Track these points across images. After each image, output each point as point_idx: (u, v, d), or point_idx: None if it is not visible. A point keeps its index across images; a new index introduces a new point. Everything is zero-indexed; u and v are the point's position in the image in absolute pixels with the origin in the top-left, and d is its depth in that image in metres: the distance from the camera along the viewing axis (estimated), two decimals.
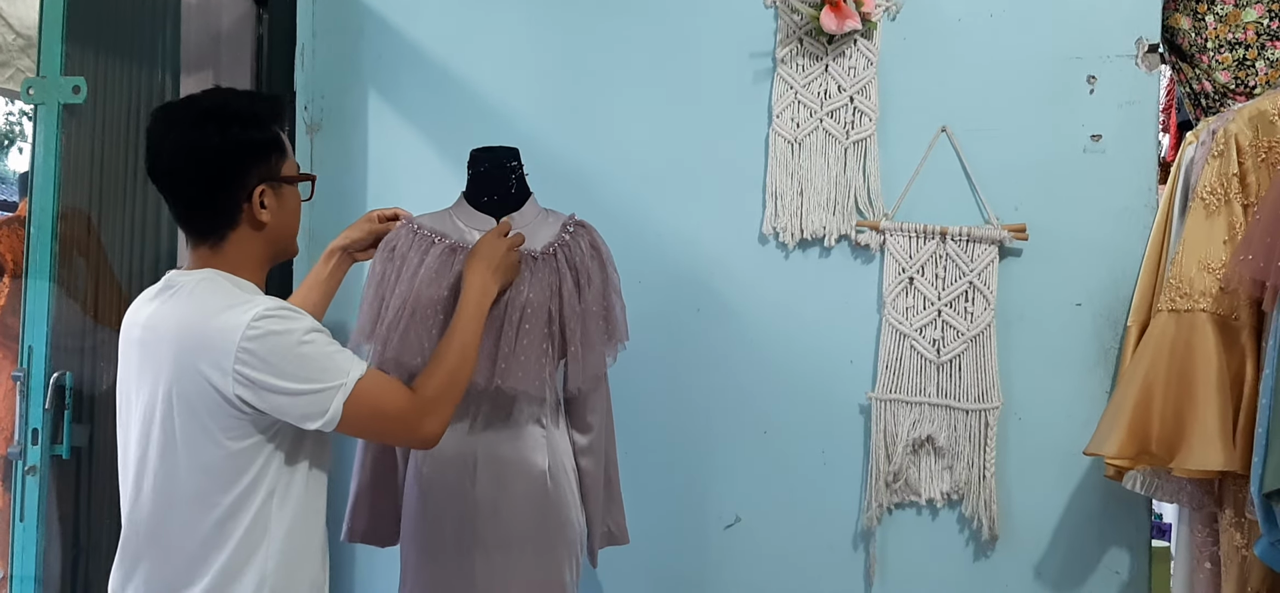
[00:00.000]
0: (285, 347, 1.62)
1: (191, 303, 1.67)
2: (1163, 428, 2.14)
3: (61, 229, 2.41)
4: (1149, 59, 2.44)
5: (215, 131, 1.68)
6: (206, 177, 1.70)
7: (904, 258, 2.52)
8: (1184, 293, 2.17)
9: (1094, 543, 2.45)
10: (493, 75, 2.77)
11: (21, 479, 2.33)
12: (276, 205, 1.76)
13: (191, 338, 1.63)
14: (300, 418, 1.65)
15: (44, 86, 2.40)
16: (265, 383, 1.61)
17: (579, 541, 2.23)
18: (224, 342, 1.60)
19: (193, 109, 1.73)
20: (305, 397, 1.64)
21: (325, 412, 1.65)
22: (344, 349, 1.72)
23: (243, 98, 1.79)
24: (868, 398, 2.53)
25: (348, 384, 1.66)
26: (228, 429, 1.64)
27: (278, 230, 1.78)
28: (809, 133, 2.59)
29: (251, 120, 1.73)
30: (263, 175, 1.73)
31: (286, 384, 1.62)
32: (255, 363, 1.60)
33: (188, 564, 1.66)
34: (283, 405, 1.63)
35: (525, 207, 2.25)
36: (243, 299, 1.65)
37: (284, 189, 1.78)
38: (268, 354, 1.61)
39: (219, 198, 1.71)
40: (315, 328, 1.68)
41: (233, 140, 1.70)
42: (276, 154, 1.76)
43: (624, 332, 2.23)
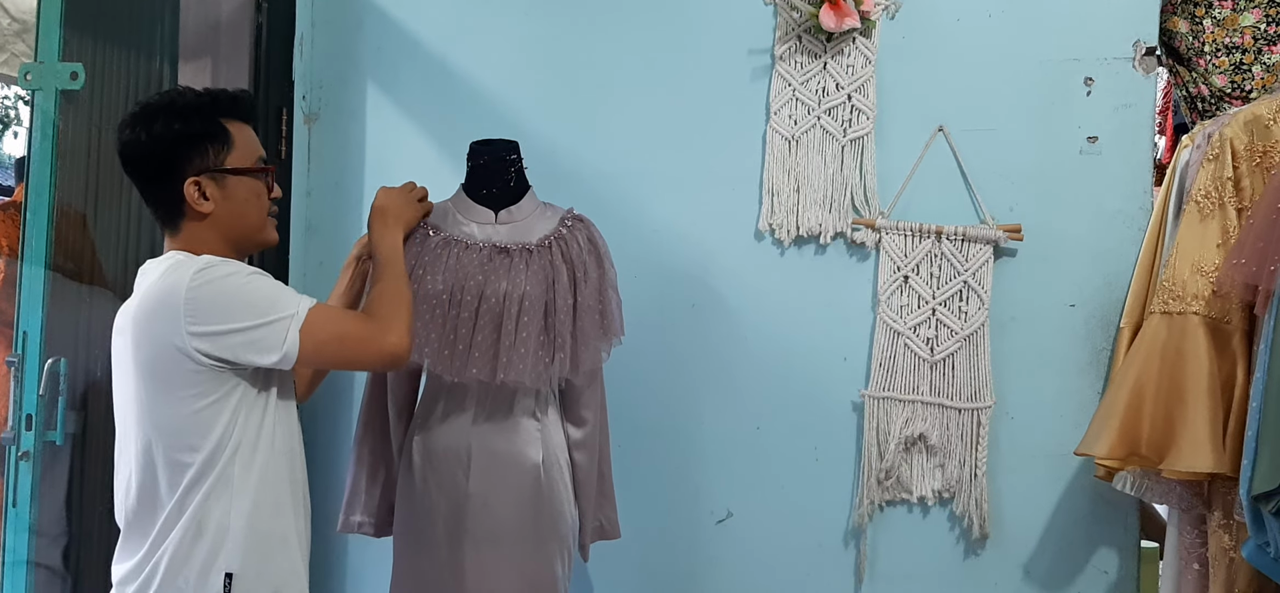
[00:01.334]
0: (229, 289, 1.72)
1: (145, 285, 1.78)
2: (1153, 430, 2.15)
3: (57, 215, 2.40)
4: (1146, 62, 2.44)
5: (143, 127, 1.79)
6: (139, 171, 1.82)
7: (899, 256, 2.52)
8: (1177, 296, 2.17)
9: (1083, 543, 2.45)
10: (492, 69, 2.76)
11: (15, 465, 2.33)
12: (220, 196, 1.82)
13: (146, 308, 1.71)
14: (259, 353, 1.71)
15: (42, 72, 2.40)
16: (218, 328, 1.68)
17: (571, 535, 2.24)
18: (172, 300, 1.69)
19: (142, 108, 1.83)
20: (259, 329, 1.71)
21: (282, 343, 1.72)
22: (289, 289, 1.80)
23: (188, 94, 1.85)
24: (861, 396, 2.54)
25: (299, 313, 1.75)
26: (191, 386, 1.70)
27: (228, 220, 1.83)
28: (806, 130, 2.59)
29: (185, 114, 1.81)
30: (197, 167, 1.79)
31: (237, 324, 1.70)
32: (204, 309, 1.68)
33: (163, 527, 1.73)
34: (238, 345, 1.70)
35: (523, 200, 2.26)
36: (189, 262, 1.73)
37: (229, 180, 1.82)
38: (214, 298, 1.69)
39: (155, 190, 1.82)
40: (256, 271, 1.76)
41: (158, 135, 1.78)
42: (215, 146, 1.81)
43: (619, 327, 2.24)
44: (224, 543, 1.74)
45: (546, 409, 2.21)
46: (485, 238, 2.19)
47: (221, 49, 2.84)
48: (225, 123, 1.84)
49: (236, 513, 1.75)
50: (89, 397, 2.52)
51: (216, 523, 1.74)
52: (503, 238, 2.19)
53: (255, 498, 1.77)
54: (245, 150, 1.86)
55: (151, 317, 1.72)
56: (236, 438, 1.75)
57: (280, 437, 1.84)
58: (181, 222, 1.82)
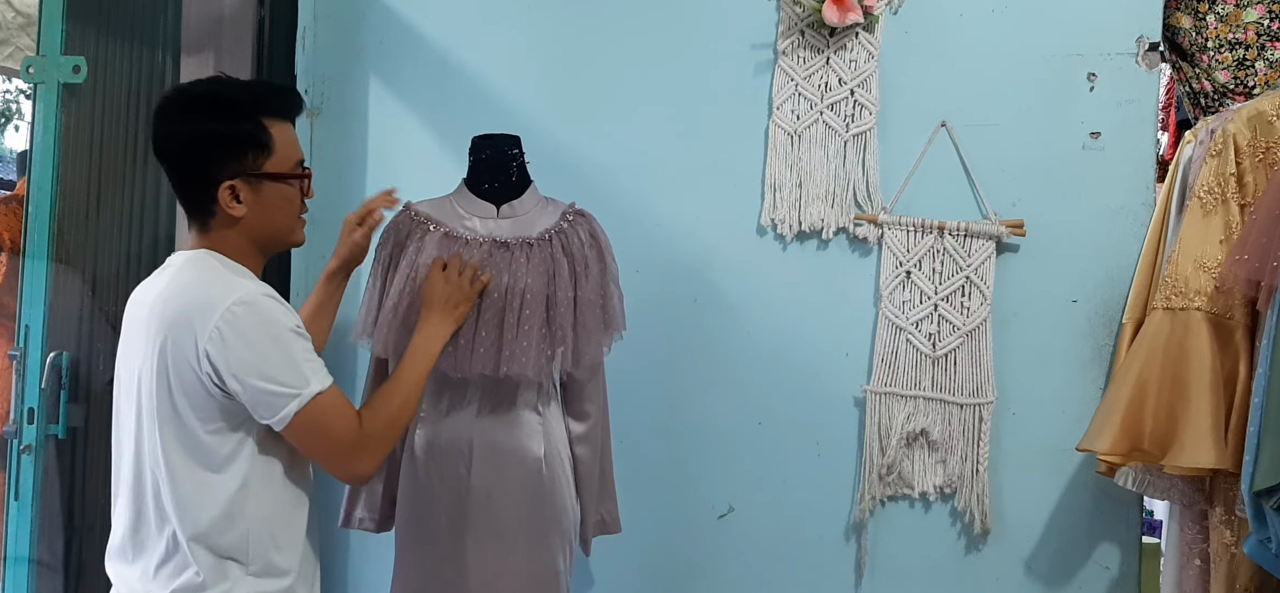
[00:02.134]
0: (259, 337, 1.63)
1: (176, 279, 1.69)
2: (1155, 426, 2.15)
3: (60, 209, 2.40)
4: (1149, 57, 2.44)
5: (181, 121, 1.70)
6: (176, 167, 1.73)
7: (901, 252, 2.52)
8: (1179, 291, 2.17)
9: (1085, 539, 2.45)
10: (494, 63, 2.76)
11: (17, 458, 2.34)
12: (253, 200, 1.72)
13: (170, 310, 1.64)
14: (252, 408, 1.65)
15: (44, 66, 2.40)
16: (230, 366, 1.61)
17: (573, 529, 2.24)
18: (202, 317, 1.61)
19: (182, 96, 1.75)
20: (263, 392, 1.63)
21: (277, 415, 1.65)
22: (316, 360, 1.70)
23: (232, 87, 1.76)
24: (863, 391, 2.54)
25: (304, 397, 1.65)
26: (201, 407, 1.64)
27: (259, 225, 1.75)
28: (809, 125, 2.59)
29: (225, 112, 1.70)
30: (233, 171, 1.70)
31: (249, 376, 1.62)
32: (226, 344, 1.60)
33: (162, 540, 1.67)
34: (240, 393, 1.63)
35: (525, 195, 2.25)
36: (230, 280, 1.66)
37: (266, 185, 1.73)
38: (239, 338, 1.61)
39: (189, 189, 1.73)
40: (296, 329, 1.67)
41: (198, 133, 1.69)
42: (254, 149, 1.72)
43: (621, 321, 2.23)
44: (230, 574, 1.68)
45: (548, 403, 2.21)
46: (487, 233, 2.19)
47: (224, 43, 2.82)
48: (268, 124, 1.73)
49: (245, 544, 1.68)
50: (91, 391, 2.53)
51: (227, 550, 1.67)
52: (504, 232, 2.19)
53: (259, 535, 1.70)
54: (285, 153, 1.76)
55: (174, 320, 1.64)
56: (243, 473, 1.68)
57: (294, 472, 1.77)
58: (211, 221, 1.73)
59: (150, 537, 1.69)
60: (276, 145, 1.74)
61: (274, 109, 1.75)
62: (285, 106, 1.79)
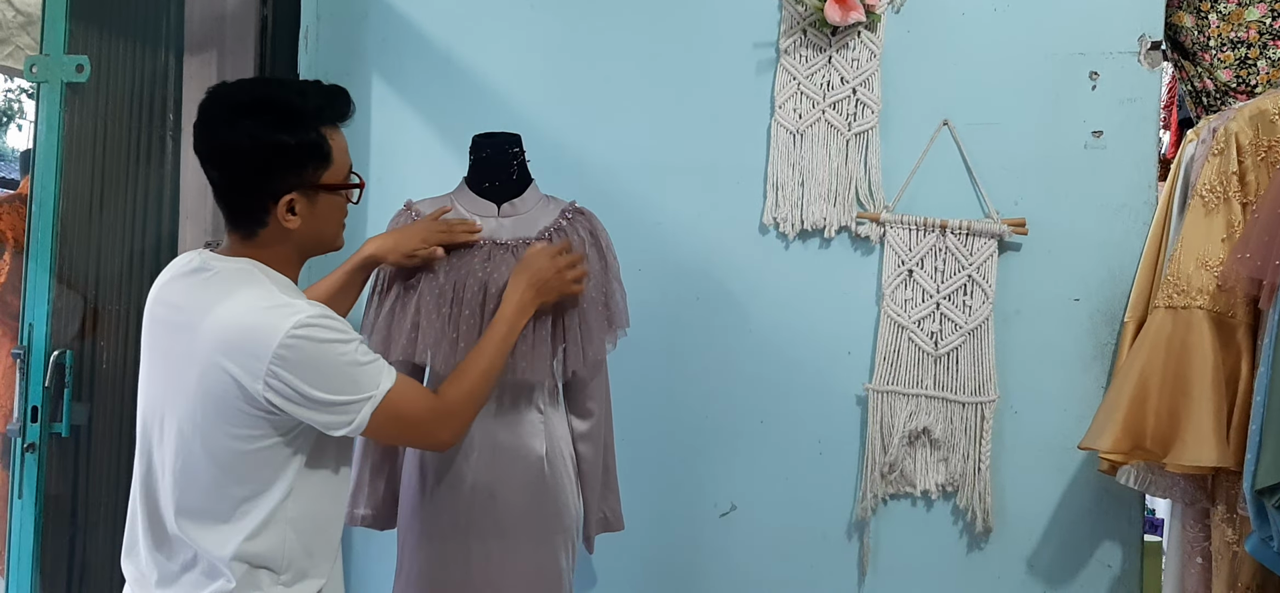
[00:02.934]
0: (322, 358, 1.58)
1: (227, 295, 1.60)
2: (1157, 424, 2.14)
3: (63, 208, 2.40)
4: (1151, 56, 2.44)
5: (246, 131, 1.60)
6: (231, 177, 1.64)
7: (904, 250, 2.52)
8: (1181, 290, 2.17)
9: (1087, 537, 2.45)
10: (496, 61, 2.76)
11: (20, 457, 2.33)
12: (309, 212, 1.66)
13: (226, 332, 1.57)
14: (326, 426, 1.62)
15: (47, 65, 2.39)
16: (297, 392, 1.56)
17: (575, 527, 2.24)
18: (260, 344, 1.54)
19: (236, 98, 1.64)
20: (335, 408, 1.60)
21: (352, 422, 1.62)
22: (376, 358, 1.68)
23: (290, 92, 1.66)
24: (865, 389, 2.54)
25: (376, 397, 1.63)
26: (248, 427, 1.59)
27: (309, 236, 1.69)
28: (811, 124, 2.59)
29: (289, 122, 1.62)
30: (294, 183, 1.63)
31: (319, 395, 1.58)
32: (290, 371, 1.55)
33: (195, 549, 1.63)
34: (310, 415, 1.59)
35: (526, 193, 2.24)
36: (283, 302, 1.59)
37: (321, 197, 1.67)
38: (304, 364, 1.56)
39: (242, 199, 1.65)
40: (353, 338, 1.63)
41: (263, 144, 1.60)
42: (314, 162, 1.65)
43: (624, 319, 2.23)
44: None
45: (550, 401, 2.20)
46: (488, 232, 2.18)
47: (227, 42, 2.82)
48: (328, 133, 1.66)
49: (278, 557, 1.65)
50: (95, 389, 2.53)
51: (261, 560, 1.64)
52: (505, 232, 2.19)
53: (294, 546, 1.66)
54: (340, 163, 1.69)
55: (231, 344, 1.56)
56: (287, 484, 1.64)
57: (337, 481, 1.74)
58: (259, 231, 1.66)
59: (178, 543, 1.65)
60: (334, 156, 1.68)
61: (333, 116, 1.69)
62: (343, 113, 1.71)
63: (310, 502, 1.67)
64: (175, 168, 2.76)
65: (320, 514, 1.70)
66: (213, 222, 2.81)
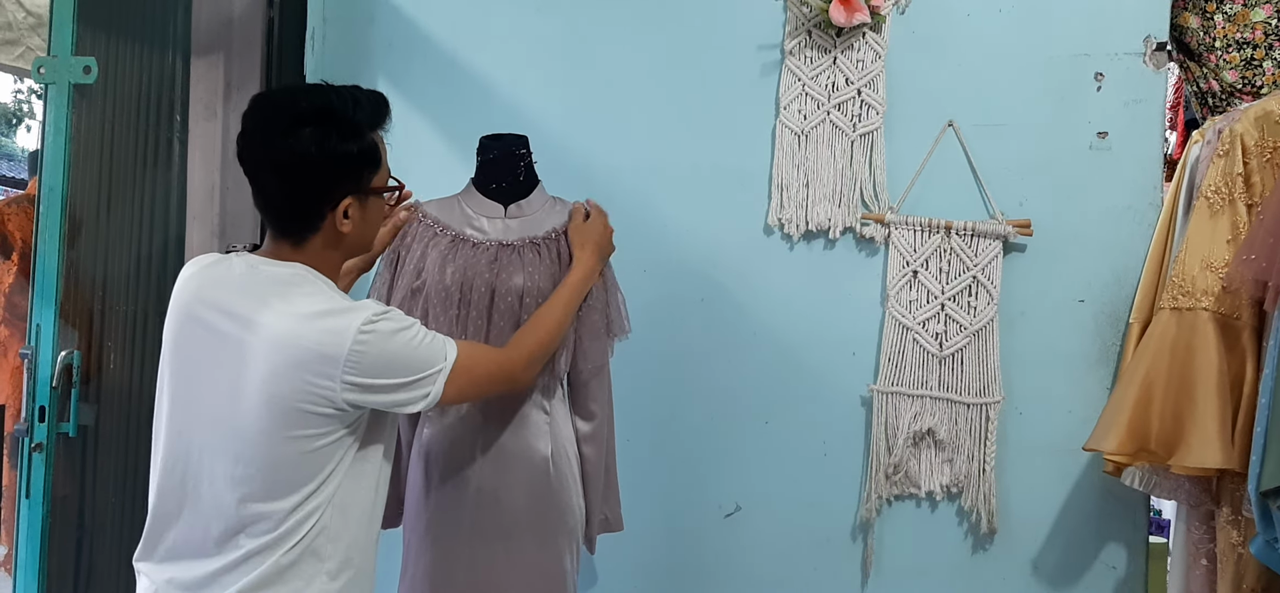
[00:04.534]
0: (395, 348, 1.65)
1: (286, 301, 1.61)
2: (1162, 426, 2.15)
3: (71, 209, 2.39)
4: (1157, 57, 2.43)
5: (310, 141, 1.61)
6: (293, 185, 1.64)
7: (908, 251, 2.52)
8: (1186, 291, 2.17)
9: (1091, 539, 2.45)
10: (502, 64, 2.76)
11: (28, 457, 2.32)
12: (360, 217, 1.70)
13: (297, 341, 1.59)
14: (402, 404, 1.69)
15: (55, 66, 2.38)
16: (374, 385, 1.63)
17: (580, 528, 2.23)
18: (333, 348, 1.59)
19: (296, 107, 1.65)
20: (410, 388, 1.68)
21: (428, 395, 1.70)
22: (434, 338, 1.73)
23: (346, 101, 1.68)
24: (869, 390, 2.54)
25: (448, 365, 1.71)
26: (319, 427, 1.63)
27: (358, 239, 1.74)
28: (816, 125, 2.59)
29: (350, 131, 1.65)
30: (352, 189, 1.67)
31: (394, 381, 1.65)
32: (367, 366, 1.61)
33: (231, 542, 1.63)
34: (388, 400, 1.67)
35: (533, 194, 2.24)
36: (344, 304, 1.64)
37: (370, 200, 1.72)
38: (379, 357, 1.62)
39: (304, 207, 1.66)
40: (412, 323, 1.70)
41: (327, 154, 1.62)
42: (369, 168, 1.70)
43: (624, 325, 2.24)
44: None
45: (555, 402, 2.19)
46: (494, 233, 2.18)
47: (234, 44, 2.83)
48: (376, 138, 1.71)
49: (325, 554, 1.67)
50: (102, 390, 2.53)
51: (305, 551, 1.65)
52: (512, 232, 2.19)
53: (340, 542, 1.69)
54: (384, 167, 1.75)
55: (305, 355, 1.58)
56: (337, 481, 1.67)
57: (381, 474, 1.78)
58: (311, 236, 1.67)
59: (210, 539, 1.65)
60: (383, 161, 1.74)
61: (380, 122, 1.74)
62: (387, 117, 1.76)
63: (357, 497, 1.71)
64: (182, 170, 2.76)
65: (365, 507, 1.74)
66: (220, 223, 2.82)
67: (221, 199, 2.83)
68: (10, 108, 10.50)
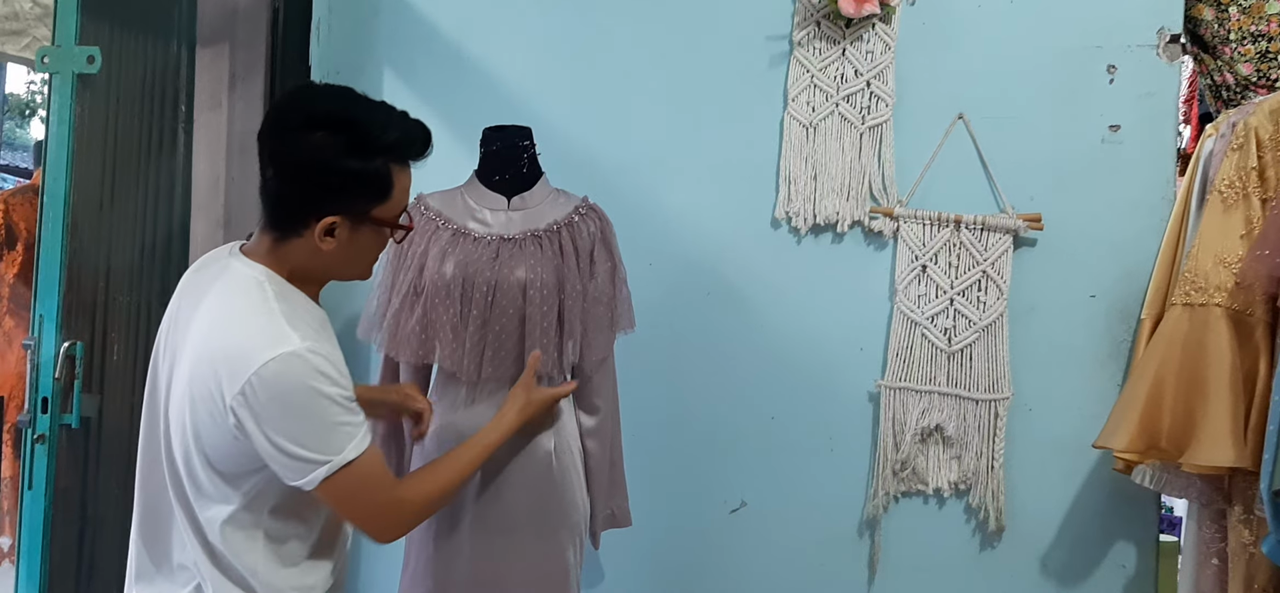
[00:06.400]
0: (293, 400, 1.50)
1: (224, 305, 1.56)
2: (1173, 423, 2.13)
3: (74, 199, 2.38)
4: (1170, 50, 2.42)
5: (316, 145, 1.54)
6: (285, 182, 1.57)
7: (917, 246, 2.50)
8: (1199, 287, 2.15)
9: (1101, 537, 2.44)
10: (507, 55, 2.75)
11: (30, 448, 2.32)
12: (347, 240, 1.59)
13: (206, 343, 1.53)
14: (279, 471, 1.54)
15: (58, 56, 2.37)
16: (258, 424, 1.50)
17: (584, 523, 2.23)
18: (233, 366, 1.49)
19: (319, 106, 1.58)
20: (290, 458, 1.51)
21: (303, 478, 1.53)
22: (355, 423, 1.57)
23: (374, 119, 1.58)
24: (877, 386, 2.52)
25: (335, 464, 1.53)
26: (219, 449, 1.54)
27: (341, 263, 1.63)
28: (824, 117, 2.57)
29: (362, 148, 1.55)
30: (342, 209, 1.57)
31: (277, 438, 1.50)
32: (256, 402, 1.48)
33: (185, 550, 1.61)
34: (266, 452, 1.51)
35: (536, 187, 2.23)
36: (275, 328, 1.51)
37: (364, 228, 1.61)
38: (272, 399, 1.49)
39: (287, 205, 1.58)
40: (336, 392, 1.53)
41: (327, 162, 1.54)
42: (371, 195, 1.59)
43: (629, 321, 2.23)
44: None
45: None
46: (497, 226, 2.18)
47: (238, 35, 2.82)
48: (395, 170, 1.59)
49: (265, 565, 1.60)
50: (105, 381, 2.53)
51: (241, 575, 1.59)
52: (515, 225, 2.18)
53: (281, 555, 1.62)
54: (397, 201, 1.63)
55: (214, 355, 1.51)
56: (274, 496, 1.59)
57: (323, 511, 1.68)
58: (292, 239, 1.59)
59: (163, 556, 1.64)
60: (394, 195, 1.61)
61: (408, 156, 1.62)
62: (419, 154, 1.63)
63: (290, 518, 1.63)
64: (187, 160, 2.76)
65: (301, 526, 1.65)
66: (225, 215, 2.82)
67: (226, 191, 2.82)
68: (24, 99, 10.53)
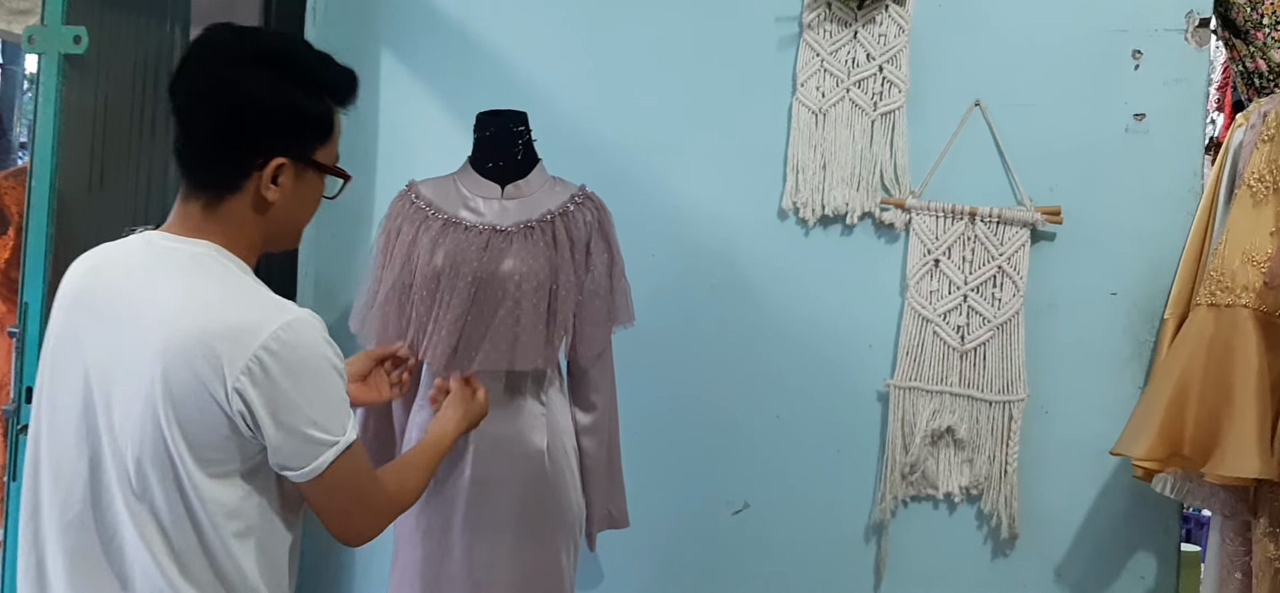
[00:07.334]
0: (308, 371, 1.39)
1: (187, 288, 1.39)
2: (1197, 430, 2.11)
3: (61, 183, 2.36)
4: (1199, 34, 2.39)
5: (263, 81, 1.43)
6: (226, 122, 1.43)
7: (930, 239, 2.47)
8: (1225, 286, 2.13)
9: (1119, 546, 2.42)
10: (509, 36, 2.73)
11: (15, 438, 2.30)
12: (291, 189, 1.47)
13: (184, 332, 1.35)
14: (284, 460, 1.40)
15: (45, 35, 2.36)
16: (270, 405, 1.36)
17: (578, 524, 2.21)
18: (235, 345, 1.34)
19: (246, 41, 1.46)
20: (299, 441, 1.39)
21: (310, 462, 1.40)
22: (348, 403, 1.48)
23: (314, 57, 1.51)
24: (886, 385, 2.50)
25: (341, 445, 1.42)
26: (203, 451, 1.38)
27: (282, 219, 1.50)
28: (834, 103, 2.54)
29: (308, 84, 1.48)
30: (290, 149, 1.45)
31: (288, 417, 1.37)
32: (268, 379, 1.35)
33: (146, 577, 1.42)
34: (273, 436, 1.38)
35: (532, 174, 2.20)
36: (262, 298, 1.41)
37: (308, 175, 1.50)
38: (286, 372, 1.36)
39: (222, 154, 1.45)
40: (339, 365, 1.44)
41: (274, 97, 1.44)
42: (315, 134, 1.49)
43: (627, 314, 2.20)
44: None
45: (552, 393, 2.17)
46: (490, 215, 2.15)
47: (235, 13, 2.75)
48: (335, 111, 1.52)
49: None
50: None
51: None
52: (509, 215, 2.15)
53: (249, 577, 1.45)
54: (334, 147, 1.55)
55: (199, 344, 1.35)
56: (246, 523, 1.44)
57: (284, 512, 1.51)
58: (228, 198, 1.44)
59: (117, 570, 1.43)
60: (333, 137, 1.53)
61: (344, 98, 1.54)
62: (353, 98, 1.56)
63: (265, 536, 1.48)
64: None
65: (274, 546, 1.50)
66: None
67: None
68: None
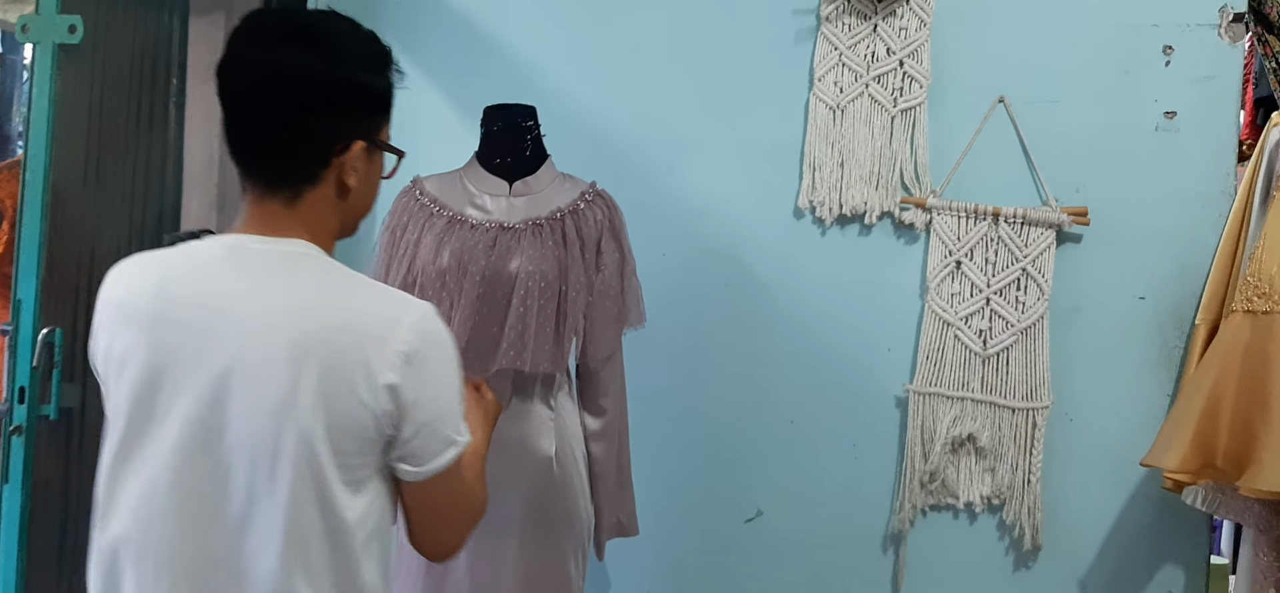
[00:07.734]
0: (447, 362, 1.36)
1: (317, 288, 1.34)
2: (1231, 442, 2.08)
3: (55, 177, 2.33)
4: (1233, 29, 2.36)
5: (326, 59, 1.35)
6: (298, 109, 1.35)
7: (951, 239, 2.44)
8: (1263, 293, 2.10)
9: (1146, 559, 2.40)
10: (518, 29, 2.71)
11: (7, 440, 2.28)
12: (365, 173, 1.41)
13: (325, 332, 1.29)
14: (407, 453, 1.34)
15: (39, 24, 2.33)
16: (417, 396, 1.31)
17: (586, 532, 2.17)
18: (380, 340, 1.30)
19: (297, 25, 1.41)
20: (436, 431, 1.34)
21: (434, 460, 1.35)
22: None
23: (361, 31, 1.44)
24: (905, 390, 2.48)
25: (461, 444, 1.38)
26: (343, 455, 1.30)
27: (358, 205, 1.44)
28: (853, 99, 2.51)
29: (371, 60, 1.42)
30: (366, 130, 1.40)
31: (431, 406, 1.33)
32: (417, 370, 1.31)
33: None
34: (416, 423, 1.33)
35: (541, 170, 2.16)
36: (387, 293, 1.39)
37: (377, 156, 1.44)
38: (428, 358, 1.32)
39: (309, 142, 1.36)
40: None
41: (347, 75, 1.37)
42: (383, 112, 1.45)
43: (639, 315, 2.17)
44: None
45: (561, 396, 2.13)
46: (497, 212, 2.11)
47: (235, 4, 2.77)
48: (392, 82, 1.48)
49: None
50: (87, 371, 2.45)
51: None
52: (517, 212, 2.11)
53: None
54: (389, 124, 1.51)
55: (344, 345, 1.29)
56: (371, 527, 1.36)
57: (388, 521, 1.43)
58: (307, 192, 1.36)
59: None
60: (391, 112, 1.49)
61: (390, 65, 1.47)
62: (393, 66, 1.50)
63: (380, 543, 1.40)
64: (179, 136, 2.72)
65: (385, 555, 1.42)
66: (219, 193, 2.80)
67: (221, 167, 2.79)
68: None
